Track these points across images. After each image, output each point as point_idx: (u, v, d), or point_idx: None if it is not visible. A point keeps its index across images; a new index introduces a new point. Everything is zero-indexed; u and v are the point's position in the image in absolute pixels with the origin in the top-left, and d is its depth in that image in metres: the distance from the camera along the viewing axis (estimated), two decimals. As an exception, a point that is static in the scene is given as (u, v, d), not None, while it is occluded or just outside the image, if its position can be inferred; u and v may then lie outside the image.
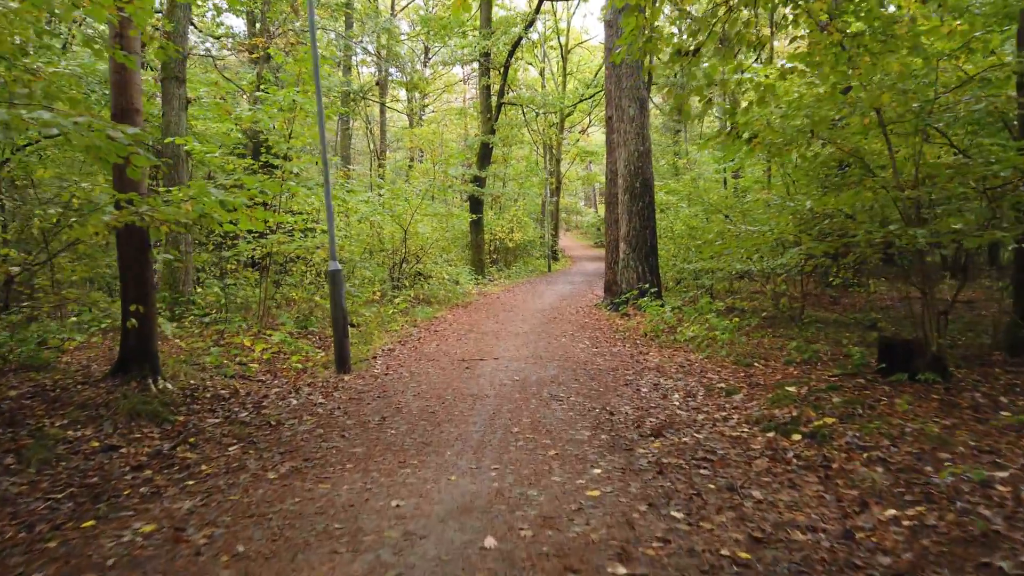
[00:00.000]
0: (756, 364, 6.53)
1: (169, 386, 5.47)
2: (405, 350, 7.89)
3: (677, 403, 5.30)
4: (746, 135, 6.15)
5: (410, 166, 24.92)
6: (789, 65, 5.18)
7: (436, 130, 30.04)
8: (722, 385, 5.76)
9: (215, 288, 10.71)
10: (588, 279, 21.08)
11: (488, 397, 5.37)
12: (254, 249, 8.50)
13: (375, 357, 7.30)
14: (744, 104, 5.96)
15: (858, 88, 4.97)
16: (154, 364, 5.42)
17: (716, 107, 23.98)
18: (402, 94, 33.03)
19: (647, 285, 11.12)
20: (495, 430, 4.42)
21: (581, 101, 29.28)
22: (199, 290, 9.72)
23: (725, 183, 15.46)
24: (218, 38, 18.47)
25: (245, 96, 12.84)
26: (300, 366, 6.56)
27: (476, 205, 20.48)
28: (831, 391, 5.19)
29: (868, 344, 7.41)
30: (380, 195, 13.27)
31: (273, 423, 4.58)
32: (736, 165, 14.10)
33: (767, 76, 5.33)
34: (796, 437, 4.18)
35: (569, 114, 30.99)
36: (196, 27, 17.56)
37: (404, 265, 13.99)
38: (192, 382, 5.87)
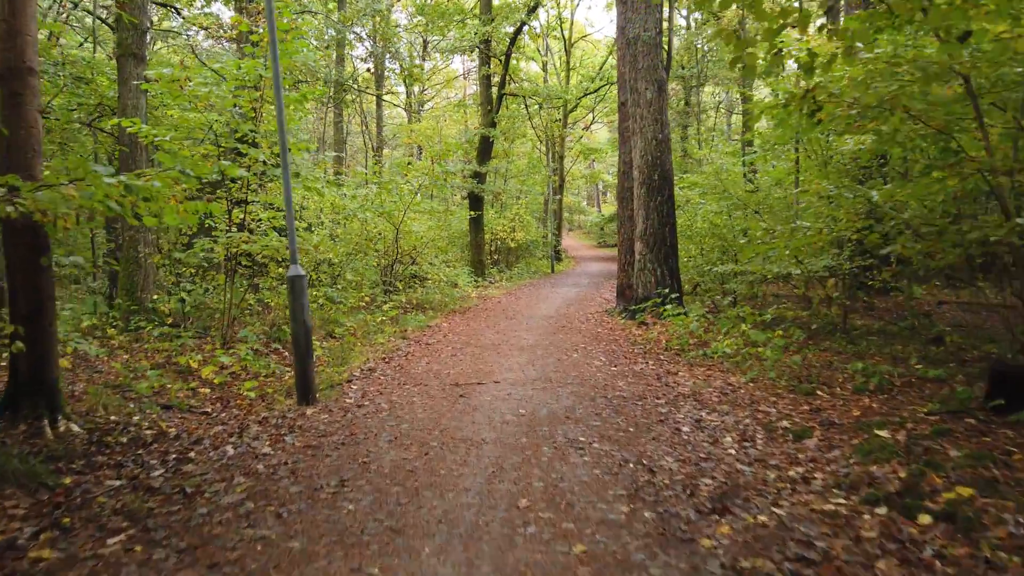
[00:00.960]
0: (819, 392, 5.28)
1: (75, 428, 4.23)
2: (389, 370, 6.64)
3: (733, 451, 4.05)
4: (806, 108, 4.92)
5: (409, 163, 23.68)
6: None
7: (434, 126, 28.83)
8: (786, 424, 4.51)
9: (181, 295, 9.50)
10: (594, 281, 19.85)
11: (486, 443, 4.11)
12: (209, 249, 7.24)
13: (350, 380, 6.05)
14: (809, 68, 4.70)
15: (981, 35, 3.72)
16: (52, 400, 4.17)
17: (735, 80, 22.55)
18: (401, 90, 31.84)
19: (667, 290, 9.87)
20: (495, 504, 3.17)
21: (586, 95, 28.02)
22: (155, 297, 8.48)
23: (746, 178, 14.20)
24: (206, 28, 17.30)
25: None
26: (254, 394, 5.31)
27: (476, 202, 19.23)
28: (939, 437, 3.94)
29: (933, 360, 6.19)
30: (370, 190, 12.04)
31: (190, 490, 3.33)
32: (758, 157, 12.86)
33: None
34: (925, 519, 2.93)
35: (572, 109, 29.76)
36: (180, 14, 16.37)
37: (397, 267, 12.76)
38: (113, 419, 4.63)
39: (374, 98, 27.83)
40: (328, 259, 11.30)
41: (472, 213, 18.50)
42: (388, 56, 21.31)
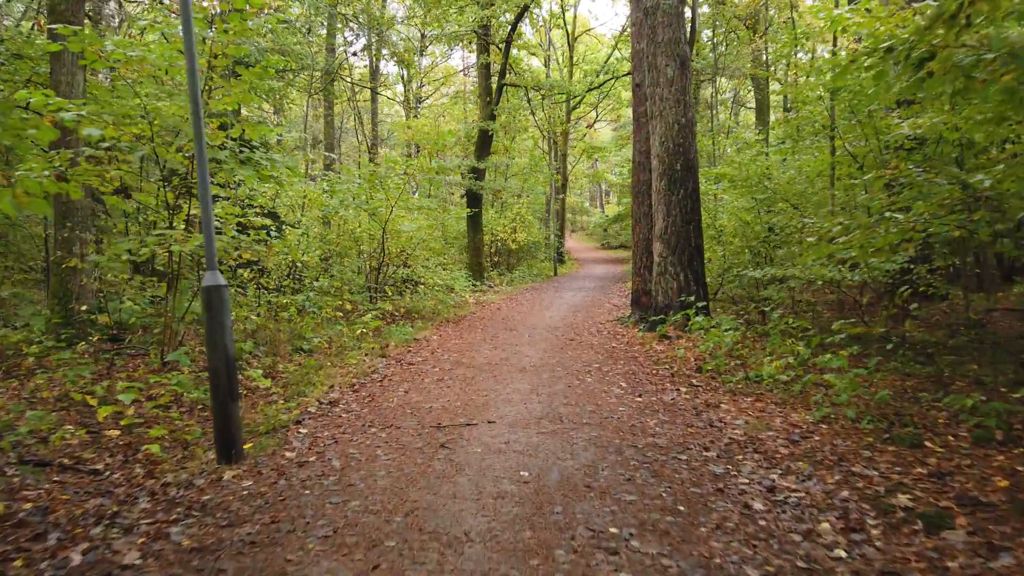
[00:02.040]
0: (927, 443, 3.90)
1: None
2: (356, 403, 5.27)
3: (843, 553, 2.68)
4: (917, 54, 3.58)
5: (408, 161, 22.19)
6: None
7: (433, 122, 27.48)
8: (905, 500, 3.13)
9: (129, 303, 8.17)
10: (600, 284, 18.52)
11: (470, 542, 2.74)
12: (134, 251, 5.88)
13: (301, 420, 4.67)
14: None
15: None
16: None
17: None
18: (399, 89, 30.52)
19: (692, 297, 8.50)
20: None
21: (591, 89, 26.60)
22: (84, 308, 7.12)
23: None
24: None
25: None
26: (158, 449, 3.92)
27: (474, 200, 17.87)
28: None
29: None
30: (351, 183, 10.70)
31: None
32: (783, 150, 11.55)
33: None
34: None
35: (576, 106, 28.44)
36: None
37: (384, 270, 11.39)
38: (-53, 488, 3.28)
39: (369, 96, 26.54)
40: (302, 262, 9.98)
41: (469, 211, 17.12)
42: (381, 45, 19.96)
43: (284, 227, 9.96)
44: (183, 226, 6.85)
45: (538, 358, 7.26)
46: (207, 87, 6.73)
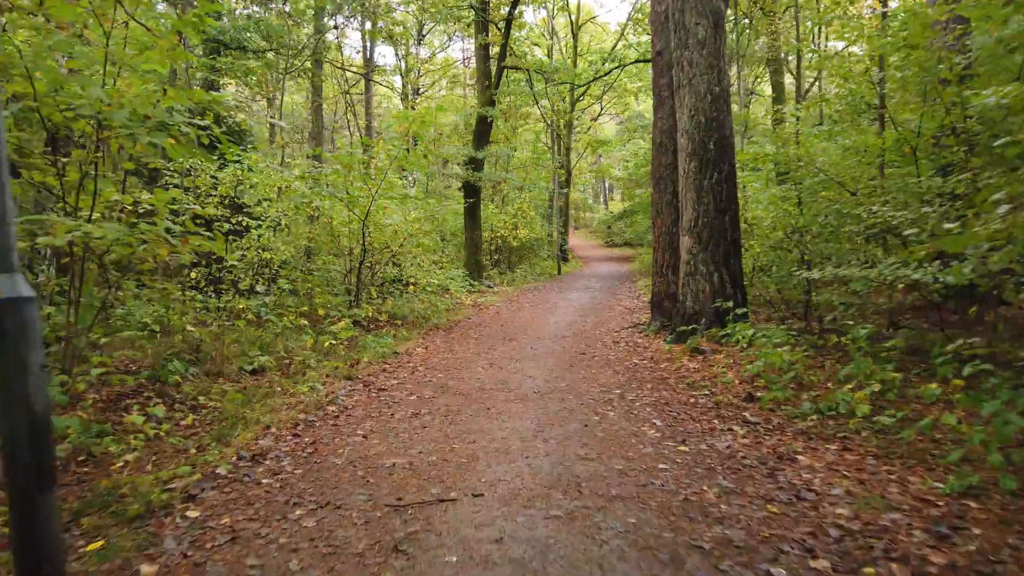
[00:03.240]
0: None
1: None
2: (290, 456, 3.80)
3: None
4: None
5: (406, 150, 20.56)
6: None
7: (429, 109, 25.98)
8: None
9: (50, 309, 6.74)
10: (607, 284, 17.08)
11: None
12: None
13: (194, 496, 3.19)
14: None
15: None
16: None
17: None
18: (396, 81, 29.01)
19: (729, 302, 7.04)
20: None
21: (597, 78, 25.05)
22: None
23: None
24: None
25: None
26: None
27: (471, 193, 16.39)
28: None
29: None
30: (324, 169, 9.23)
31: None
32: (822, 133, 10.06)
33: None
34: None
35: (579, 98, 26.90)
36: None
37: (368, 269, 9.92)
38: None
39: (363, 87, 25.08)
40: (262, 260, 8.52)
41: (466, 201, 15.63)
42: (374, 22, 18.50)
43: (243, 219, 8.50)
44: (94, 212, 5.38)
45: (543, 380, 5.79)
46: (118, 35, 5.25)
